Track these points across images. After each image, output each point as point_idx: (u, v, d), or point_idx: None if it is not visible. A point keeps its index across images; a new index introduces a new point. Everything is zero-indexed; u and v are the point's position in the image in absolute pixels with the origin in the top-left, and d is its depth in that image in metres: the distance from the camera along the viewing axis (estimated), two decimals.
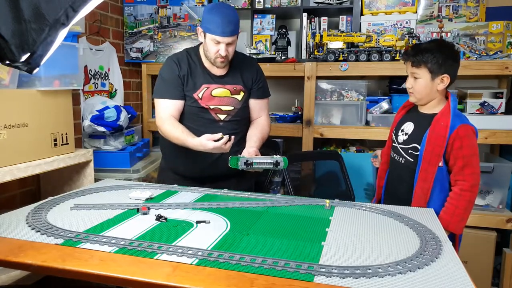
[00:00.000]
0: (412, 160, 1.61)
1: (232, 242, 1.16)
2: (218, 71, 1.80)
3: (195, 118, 1.80)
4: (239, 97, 1.82)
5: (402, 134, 1.67)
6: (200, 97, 1.77)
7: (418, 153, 1.58)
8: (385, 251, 1.11)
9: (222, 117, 1.80)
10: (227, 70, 1.82)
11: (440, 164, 1.54)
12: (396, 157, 1.69)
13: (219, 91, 1.79)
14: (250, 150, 1.69)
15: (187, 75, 1.78)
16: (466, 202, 1.52)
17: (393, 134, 1.75)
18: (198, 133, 1.72)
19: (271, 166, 1.50)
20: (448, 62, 1.54)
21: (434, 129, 1.54)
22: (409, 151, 1.63)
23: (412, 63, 1.57)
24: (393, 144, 1.72)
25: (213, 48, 1.71)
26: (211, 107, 1.78)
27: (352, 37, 2.53)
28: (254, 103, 1.89)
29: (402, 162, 1.65)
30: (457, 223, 1.51)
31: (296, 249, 1.11)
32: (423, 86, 1.57)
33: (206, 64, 1.80)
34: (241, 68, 1.84)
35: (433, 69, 1.53)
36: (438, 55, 1.53)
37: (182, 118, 1.81)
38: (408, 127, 1.66)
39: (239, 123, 1.84)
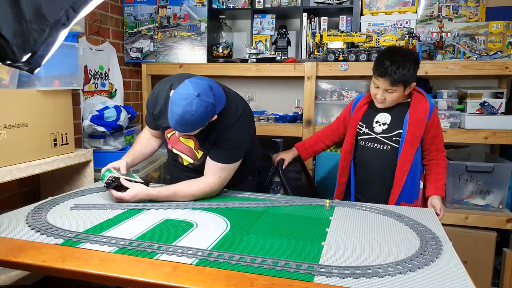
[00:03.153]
0: (397, 146, 1.71)
1: (232, 242, 1.16)
2: None
3: (169, 152, 1.76)
4: (198, 155, 1.67)
5: (379, 125, 1.76)
6: (169, 137, 1.70)
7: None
8: (385, 251, 1.11)
9: (185, 163, 1.72)
10: None
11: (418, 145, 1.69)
12: (378, 146, 1.76)
13: (186, 139, 1.65)
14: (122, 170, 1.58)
15: (160, 113, 1.66)
16: (446, 168, 1.75)
17: (359, 129, 1.81)
18: (177, 167, 1.77)
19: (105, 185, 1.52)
20: (416, 71, 1.66)
21: (414, 113, 1.67)
22: (393, 138, 1.72)
23: (392, 83, 1.63)
24: (367, 136, 1.79)
25: None
26: (174, 150, 1.71)
27: (352, 37, 2.53)
28: (206, 159, 1.63)
29: (388, 149, 1.74)
30: (444, 186, 1.70)
31: (296, 249, 1.11)
32: (397, 98, 1.69)
33: None
34: (210, 127, 1.55)
35: (407, 84, 1.65)
36: (411, 69, 1.62)
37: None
38: (384, 117, 1.76)
39: None
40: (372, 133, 1.77)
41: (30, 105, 1.72)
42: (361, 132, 1.80)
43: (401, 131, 1.69)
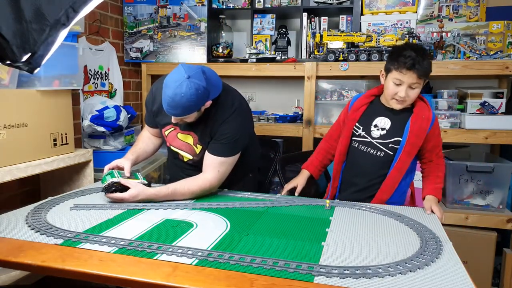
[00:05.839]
0: (392, 153, 1.65)
1: (232, 242, 1.16)
2: None
3: (169, 149, 1.77)
4: (197, 149, 1.67)
5: (377, 130, 1.68)
6: (166, 135, 1.70)
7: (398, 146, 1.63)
8: (385, 251, 1.11)
9: (185, 159, 1.72)
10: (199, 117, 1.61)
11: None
12: (371, 151, 1.68)
13: (184, 135, 1.67)
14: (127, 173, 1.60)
15: (158, 109, 1.66)
16: (444, 173, 1.69)
17: (355, 130, 1.73)
18: (177, 165, 1.77)
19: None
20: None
21: (416, 121, 1.60)
22: (390, 145, 1.65)
23: (419, 76, 1.53)
24: (363, 139, 1.71)
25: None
26: (173, 148, 1.72)
27: (352, 37, 2.53)
28: (204, 155, 1.65)
29: (381, 155, 1.66)
30: (441, 190, 1.63)
31: (296, 249, 1.11)
32: (417, 93, 1.60)
33: None
34: (208, 120, 1.59)
35: (428, 77, 1.60)
36: (429, 61, 1.56)
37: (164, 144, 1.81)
38: (383, 122, 1.68)
39: None
40: (368, 137, 1.68)
41: (30, 105, 1.72)
42: (357, 134, 1.72)
43: (399, 139, 1.61)
